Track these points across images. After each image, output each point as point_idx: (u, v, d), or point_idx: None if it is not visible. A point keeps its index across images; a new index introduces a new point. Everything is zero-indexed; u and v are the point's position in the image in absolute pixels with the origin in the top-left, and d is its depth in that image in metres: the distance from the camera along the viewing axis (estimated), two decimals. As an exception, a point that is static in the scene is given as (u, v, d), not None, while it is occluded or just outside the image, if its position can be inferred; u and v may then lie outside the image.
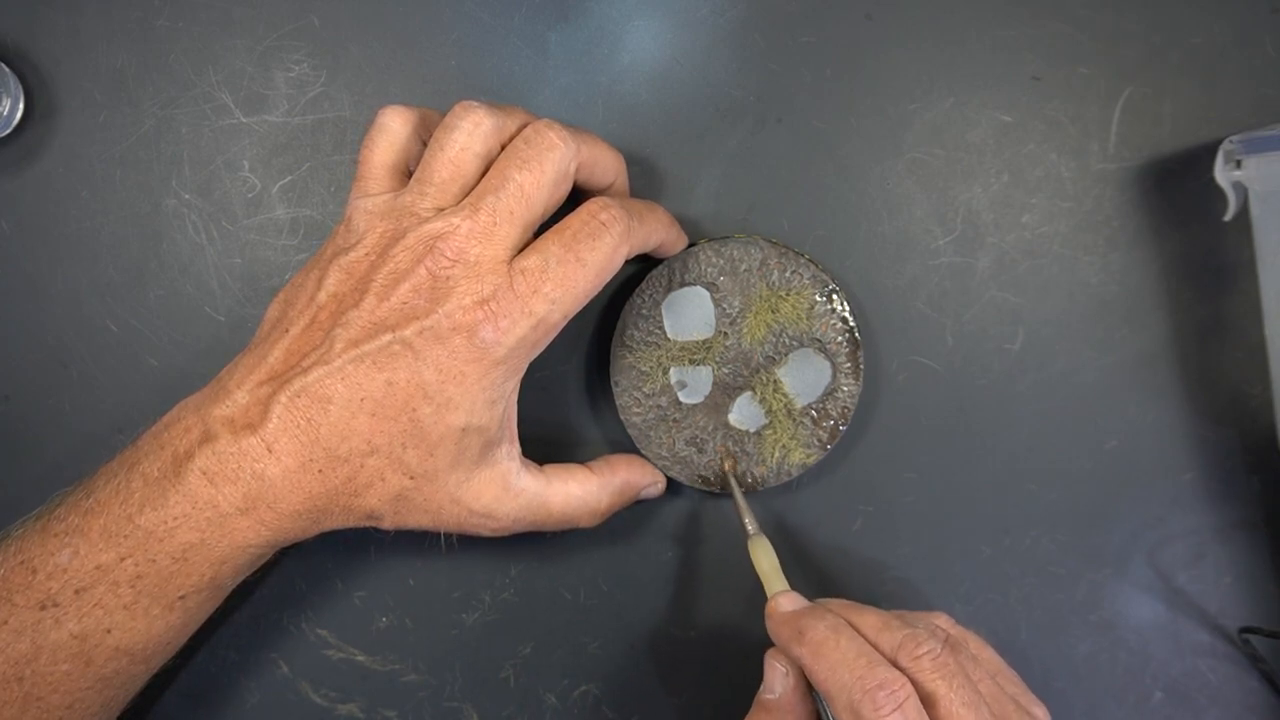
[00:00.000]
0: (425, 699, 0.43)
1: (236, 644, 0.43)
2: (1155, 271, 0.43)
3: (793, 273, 0.41)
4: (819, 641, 0.33)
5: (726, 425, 0.42)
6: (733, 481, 0.41)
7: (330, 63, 0.43)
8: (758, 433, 0.42)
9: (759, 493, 0.43)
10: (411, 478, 0.35)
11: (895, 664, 0.32)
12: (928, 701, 0.32)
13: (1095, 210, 0.43)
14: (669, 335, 0.42)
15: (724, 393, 0.42)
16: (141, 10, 0.43)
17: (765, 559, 0.39)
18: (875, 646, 0.33)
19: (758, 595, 0.44)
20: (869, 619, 0.35)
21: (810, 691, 0.35)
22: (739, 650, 0.43)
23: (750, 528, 0.40)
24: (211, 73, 0.43)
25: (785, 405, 0.42)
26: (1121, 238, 0.43)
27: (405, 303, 0.33)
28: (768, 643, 0.43)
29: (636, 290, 0.42)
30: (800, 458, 0.42)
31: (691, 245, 0.42)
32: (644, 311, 0.42)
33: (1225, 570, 0.43)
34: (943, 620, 0.37)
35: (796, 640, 0.34)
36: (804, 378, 0.42)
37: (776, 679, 0.36)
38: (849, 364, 0.42)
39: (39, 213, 0.43)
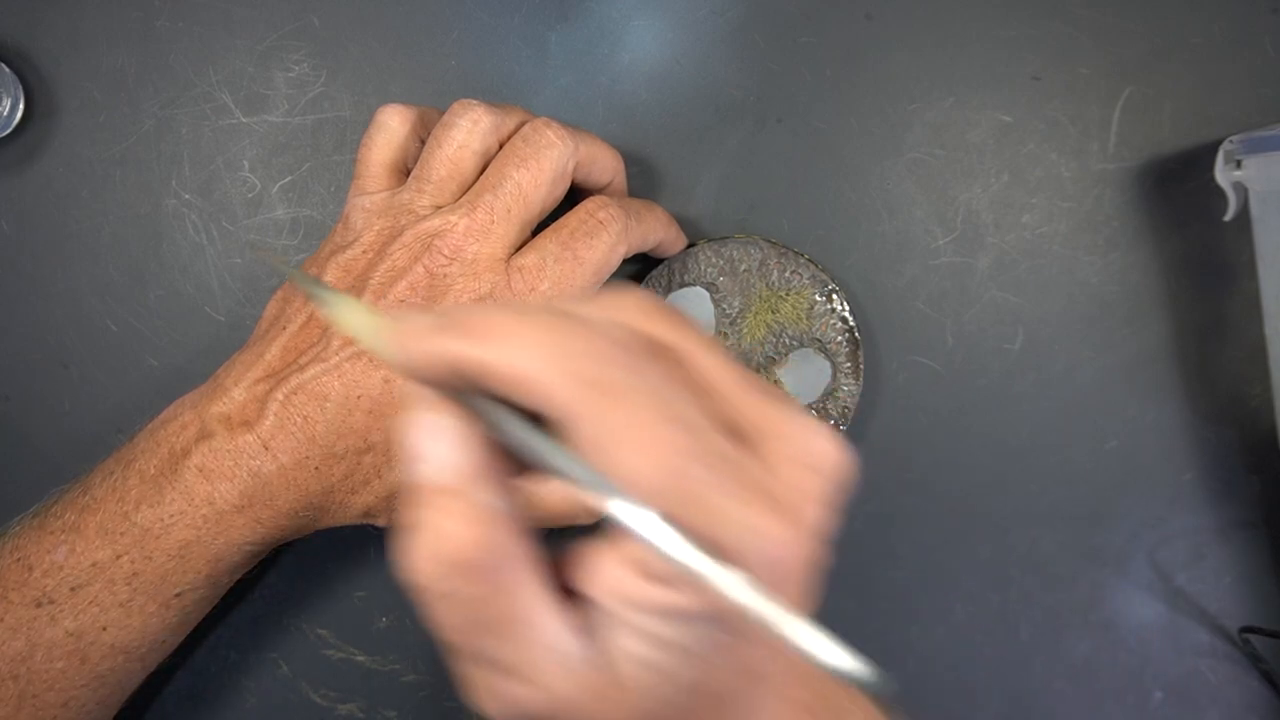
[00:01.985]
0: (425, 699, 0.43)
1: (236, 644, 0.43)
2: (1155, 271, 0.43)
3: (792, 273, 0.41)
4: (491, 325, 0.22)
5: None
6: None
7: (330, 63, 0.43)
8: (757, 433, 0.42)
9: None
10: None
11: None
12: None
13: (1095, 210, 0.43)
14: (668, 335, 0.42)
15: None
16: (141, 10, 0.43)
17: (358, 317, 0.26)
18: None
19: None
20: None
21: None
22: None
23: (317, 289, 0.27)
24: (211, 73, 0.43)
25: (785, 405, 0.42)
26: (1121, 238, 0.43)
27: (402, 300, 0.33)
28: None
29: (636, 290, 0.42)
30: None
31: (691, 245, 0.42)
32: (643, 311, 0.42)
33: (1225, 570, 0.43)
34: None
35: (456, 335, 0.22)
36: (804, 378, 0.42)
37: (427, 438, 0.23)
38: (849, 364, 0.41)
39: (39, 213, 0.43)
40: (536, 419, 0.22)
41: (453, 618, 0.22)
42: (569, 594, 0.23)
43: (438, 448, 0.22)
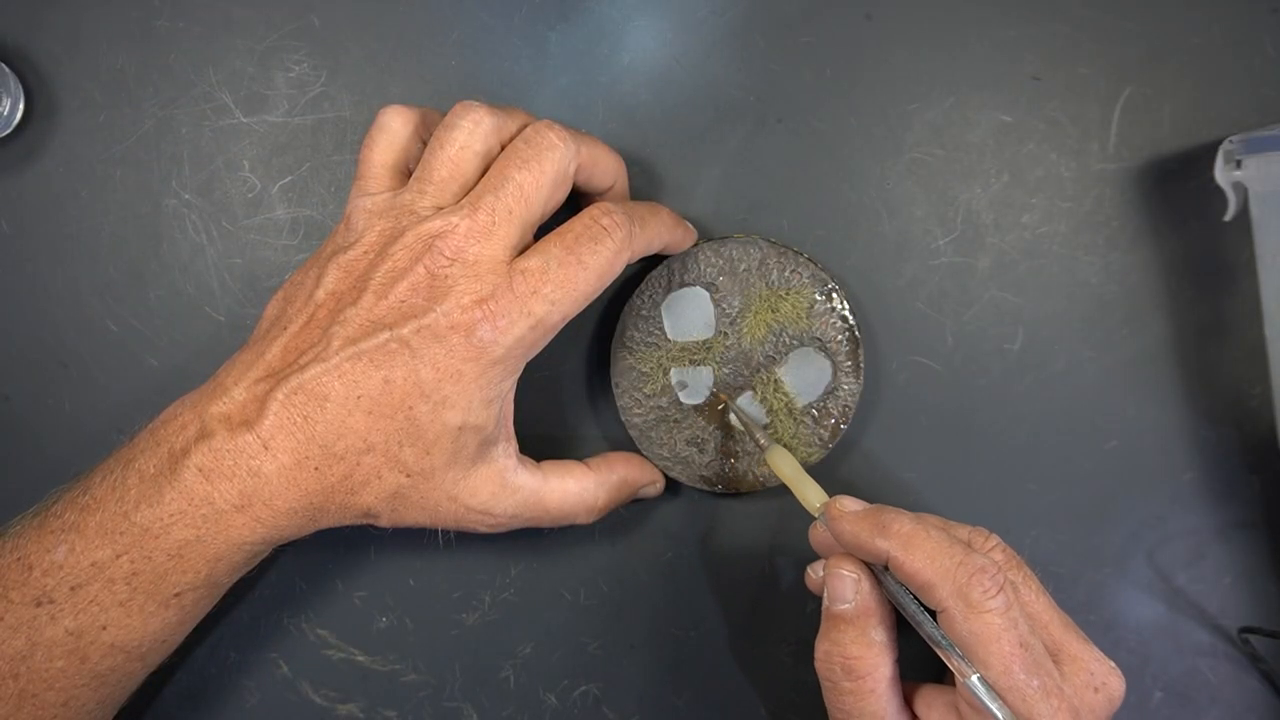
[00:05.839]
0: (425, 699, 0.43)
1: (236, 644, 0.43)
2: (1155, 271, 0.43)
3: (792, 271, 0.41)
4: (908, 533, 0.33)
5: (727, 425, 0.42)
6: (734, 408, 0.42)
7: (330, 63, 0.43)
8: (758, 433, 0.42)
9: (759, 492, 0.43)
10: (408, 475, 0.35)
11: None
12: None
13: (1095, 210, 0.43)
14: (669, 336, 0.42)
15: (725, 393, 0.42)
16: (141, 10, 0.43)
17: (787, 465, 0.39)
18: None
19: (759, 594, 0.44)
20: (930, 518, 0.35)
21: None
22: (739, 650, 0.43)
23: (764, 441, 0.40)
24: (211, 73, 0.43)
25: (786, 404, 0.42)
26: (1121, 238, 0.43)
27: (403, 301, 0.33)
28: (770, 638, 0.43)
29: (636, 292, 0.42)
30: (801, 457, 0.42)
31: (690, 246, 0.42)
32: (644, 313, 0.42)
33: (1225, 570, 0.43)
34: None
35: (880, 533, 0.34)
36: (804, 377, 0.42)
37: (848, 587, 0.35)
38: (849, 363, 0.42)
39: (39, 213, 0.43)
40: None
41: (832, 698, 0.34)
42: (912, 712, 0.34)
43: (847, 592, 0.35)
